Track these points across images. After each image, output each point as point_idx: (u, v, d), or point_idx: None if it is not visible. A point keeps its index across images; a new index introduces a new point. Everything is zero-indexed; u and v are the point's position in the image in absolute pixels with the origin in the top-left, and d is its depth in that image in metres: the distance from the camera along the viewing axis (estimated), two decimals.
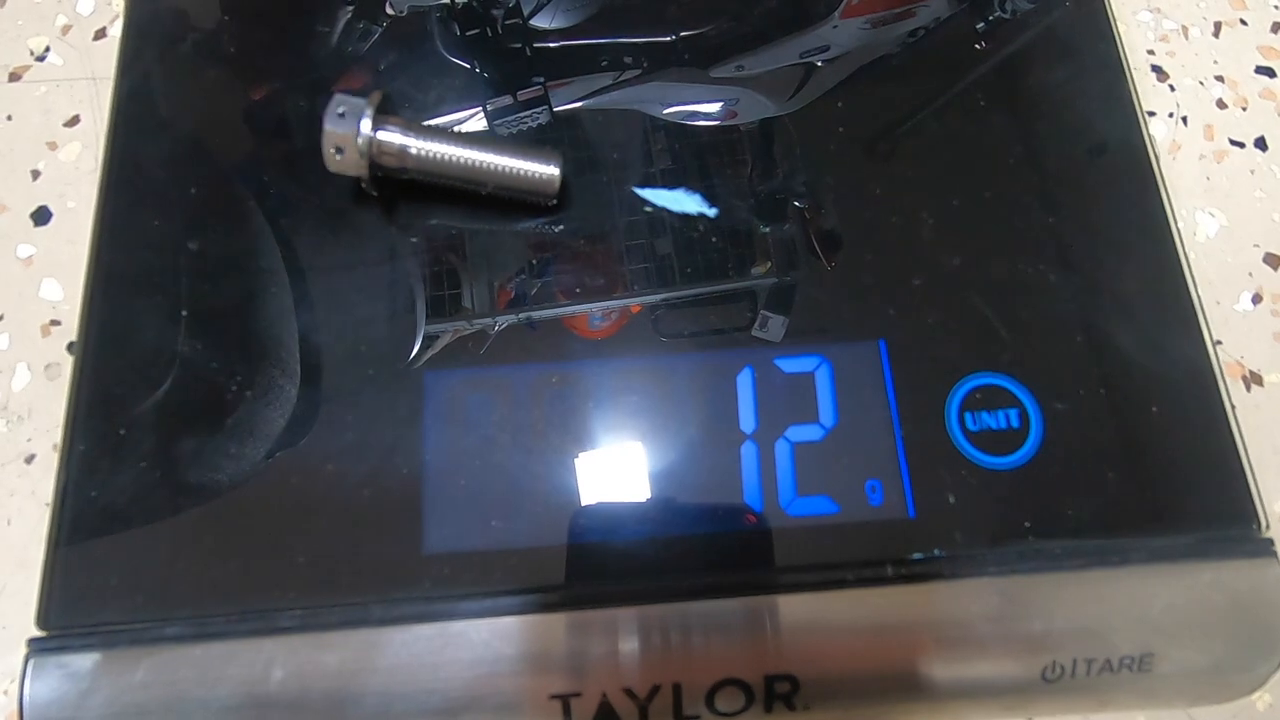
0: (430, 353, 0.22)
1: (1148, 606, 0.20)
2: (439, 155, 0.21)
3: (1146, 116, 0.25)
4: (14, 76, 0.29)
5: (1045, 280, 0.23)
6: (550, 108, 0.25)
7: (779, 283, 0.23)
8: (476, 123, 0.25)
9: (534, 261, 0.23)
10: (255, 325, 0.22)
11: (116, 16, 0.30)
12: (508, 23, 0.25)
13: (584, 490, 0.21)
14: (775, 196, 0.24)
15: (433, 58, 0.25)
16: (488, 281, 0.23)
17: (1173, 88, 0.30)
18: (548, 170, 0.22)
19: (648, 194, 0.24)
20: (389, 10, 0.26)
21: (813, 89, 0.25)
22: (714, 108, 0.25)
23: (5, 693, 0.22)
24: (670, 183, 0.24)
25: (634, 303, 0.23)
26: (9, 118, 0.29)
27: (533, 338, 0.22)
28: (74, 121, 0.29)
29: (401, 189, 0.23)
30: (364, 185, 0.22)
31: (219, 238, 0.23)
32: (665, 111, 0.25)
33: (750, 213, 0.24)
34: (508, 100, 0.25)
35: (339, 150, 0.21)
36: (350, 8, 0.26)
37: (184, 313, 0.22)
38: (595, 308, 0.23)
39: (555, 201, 0.23)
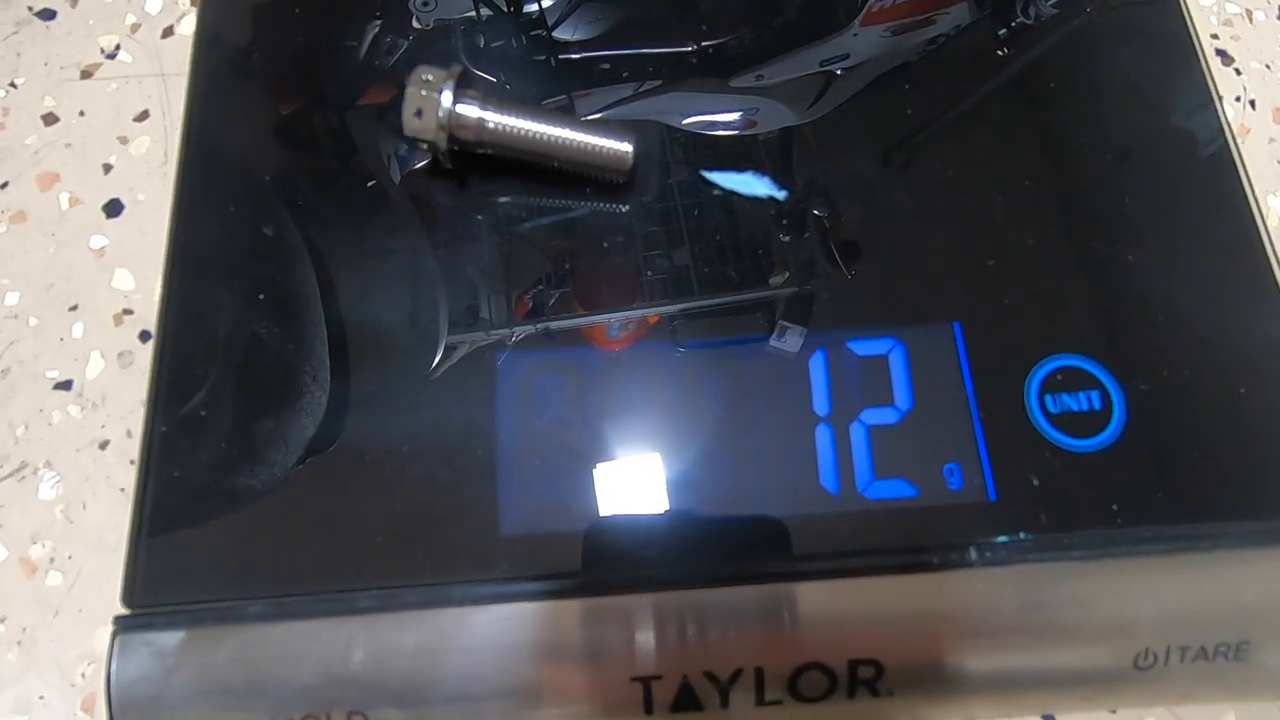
0: (511, 337, 0.22)
1: (1243, 593, 0.19)
2: (514, 130, 0.21)
3: (1220, 100, 0.25)
4: (86, 74, 0.30)
5: (1124, 261, 0.23)
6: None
7: (798, 292, 0.23)
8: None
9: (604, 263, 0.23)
10: (329, 311, 0.22)
11: (184, 15, 0.31)
12: (532, 35, 0.26)
13: (662, 474, 0.21)
14: (796, 205, 0.24)
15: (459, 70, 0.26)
16: (551, 285, 0.23)
17: (1238, 71, 0.30)
18: (621, 147, 0.22)
19: (715, 177, 0.24)
20: (415, 24, 0.26)
21: (833, 97, 0.25)
22: (734, 117, 0.25)
23: (83, 675, 0.23)
24: (690, 192, 0.24)
25: (653, 311, 0.23)
26: (81, 113, 0.29)
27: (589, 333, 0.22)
28: (143, 117, 0.29)
29: (475, 167, 0.23)
30: (440, 159, 0.22)
31: (292, 226, 0.23)
32: (685, 121, 0.25)
33: (770, 222, 0.23)
34: None
35: (419, 113, 0.21)
36: (378, 21, 0.26)
37: (260, 297, 0.22)
38: (666, 309, 0.23)
39: (625, 179, 0.23)
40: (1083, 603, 0.19)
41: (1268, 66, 0.30)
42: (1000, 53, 0.25)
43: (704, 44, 0.26)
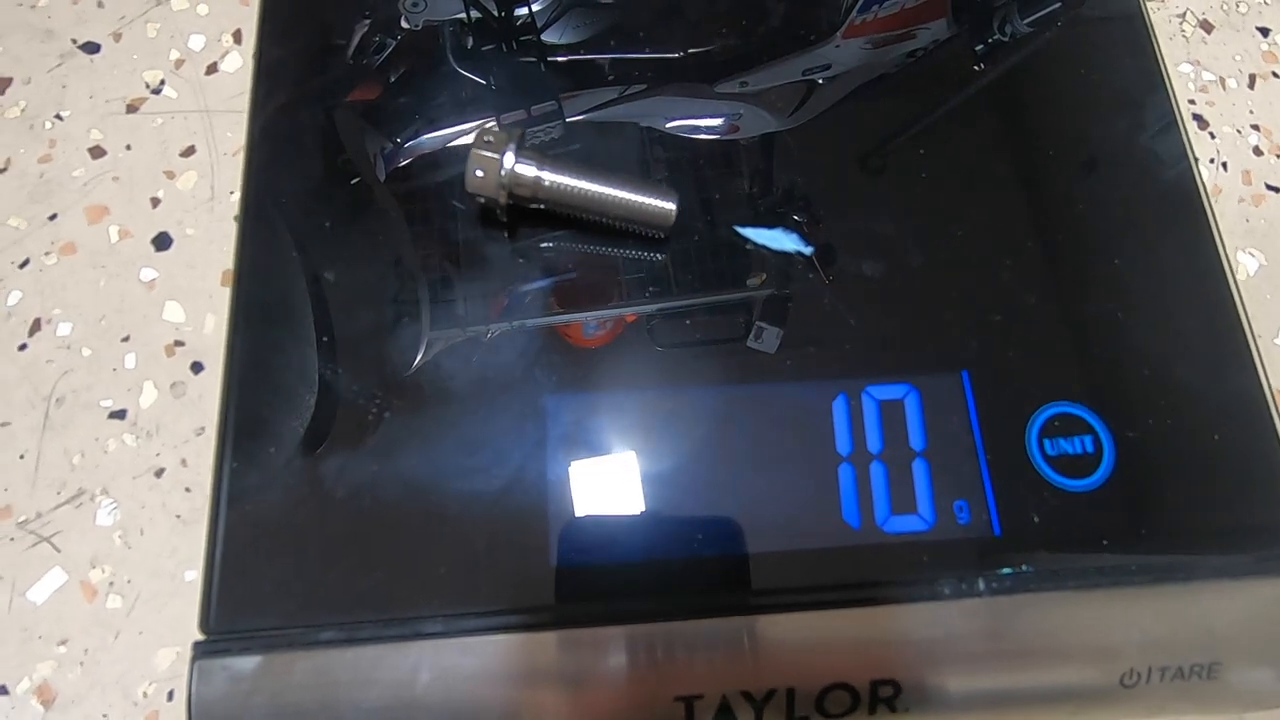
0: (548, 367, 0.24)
1: (1215, 620, 0.22)
2: (567, 188, 0.23)
3: (1196, 162, 0.27)
4: (131, 108, 0.31)
5: (1114, 317, 0.25)
6: (564, 121, 0.26)
7: (775, 294, 0.24)
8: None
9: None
10: (392, 350, 0.24)
11: (227, 52, 0.32)
12: (522, 38, 0.26)
13: (699, 508, 0.23)
14: (775, 210, 0.25)
15: (446, 71, 0.27)
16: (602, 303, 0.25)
17: (1213, 135, 0.33)
18: (665, 205, 0.24)
19: (748, 232, 0.26)
20: (404, 24, 0.27)
21: (814, 105, 0.26)
22: (717, 122, 0.26)
23: (145, 694, 0.24)
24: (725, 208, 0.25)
25: (629, 311, 0.24)
26: (128, 147, 0.30)
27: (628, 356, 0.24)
28: (189, 152, 0.30)
29: (523, 216, 0.25)
30: (498, 212, 0.24)
31: (356, 265, 0.25)
32: (669, 125, 0.26)
33: (751, 225, 0.25)
34: (521, 114, 0.26)
35: (481, 172, 0.23)
36: (367, 21, 0.27)
37: (324, 338, 0.24)
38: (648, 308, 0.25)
39: (666, 235, 0.24)
40: (1077, 628, 0.22)
41: (1238, 131, 0.33)
42: (976, 68, 0.27)
43: (690, 50, 0.27)
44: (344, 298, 0.24)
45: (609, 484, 0.22)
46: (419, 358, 0.23)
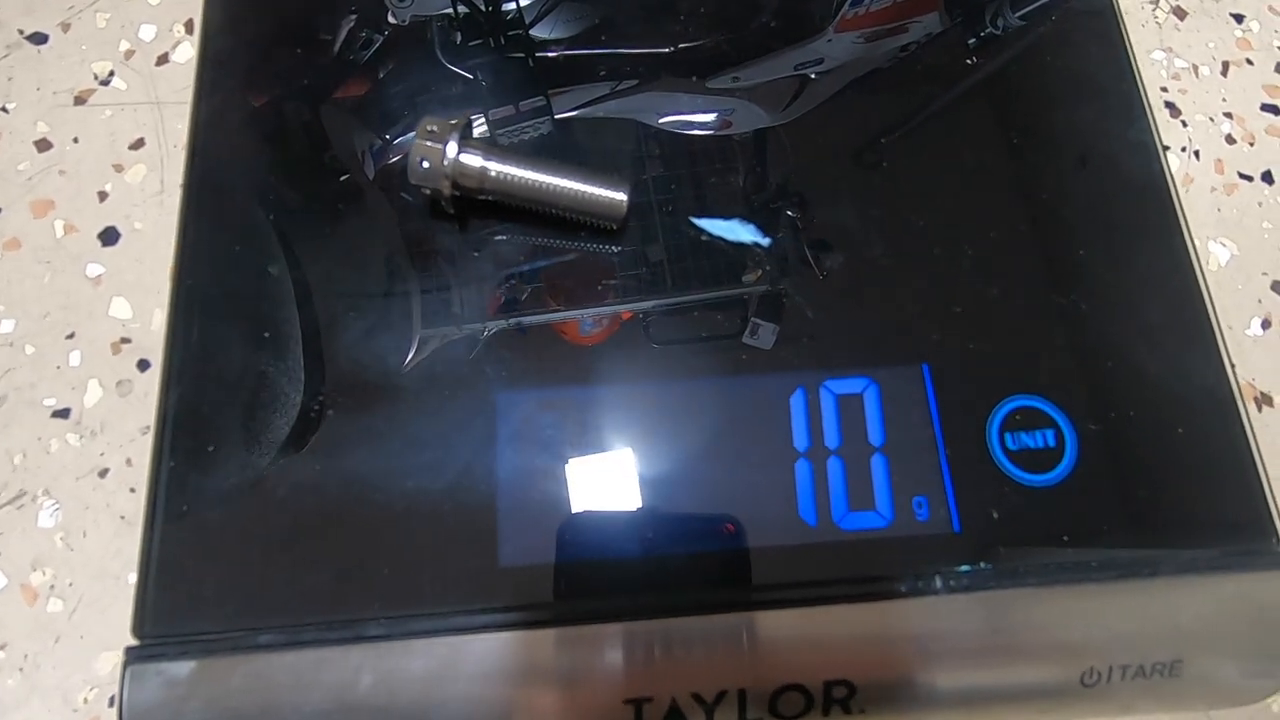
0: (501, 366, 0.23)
1: (1178, 616, 0.21)
2: (514, 178, 0.23)
3: (1164, 152, 0.27)
4: (79, 100, 0.30)
5: (1077, 309, 0.24)
6: (552, 118, 0.25)
7: (770, 290, 0.24)
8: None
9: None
10: (335, 348, 0.23)
11: (178, 43, 0.31)
12: (510, 33, 0.26)
13: (649, 506, 0.22)
14: (769, 205, 0.25)
15: (434, 67, 0.26)
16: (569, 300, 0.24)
17: (1185, 123, 0.32)
18: (616, 196, 0.23)
19: (704, 224, 0.25)
20: (391, 19, 0.26)
21: (807, 100, 0.26)
22: (709, 117, 0.26)
23: (85, 700, 0.23)
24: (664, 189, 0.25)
25: (626, 309, 0.24)
26: (75, 140, 0.29)
27: (586, 351, 0.24)
28: (139, 145, 0.30)
29: (472, 209, 0.24)
30: (444, 204, 0.23)
31: (296, 261, 0.24)
32: (661, 121, 0.25)
33: (744, 221, 0.25)
34: (510, 110, 0.25)
35: (424, 162, 0.22)
36: (353, 16, 0.26)
37: (266, 334, 0.23)
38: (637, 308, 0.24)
39: (619, 226, 0.24)
40: (1036, 626, 0.21)
41: (1211, 119, 0.32)
42: (969, 61, 0.27)
43: (681, 45, 0.26)
44: (286, 293, 0.24)
45: (554, 482, 0.22)
46: (410, 357, 0.22)
